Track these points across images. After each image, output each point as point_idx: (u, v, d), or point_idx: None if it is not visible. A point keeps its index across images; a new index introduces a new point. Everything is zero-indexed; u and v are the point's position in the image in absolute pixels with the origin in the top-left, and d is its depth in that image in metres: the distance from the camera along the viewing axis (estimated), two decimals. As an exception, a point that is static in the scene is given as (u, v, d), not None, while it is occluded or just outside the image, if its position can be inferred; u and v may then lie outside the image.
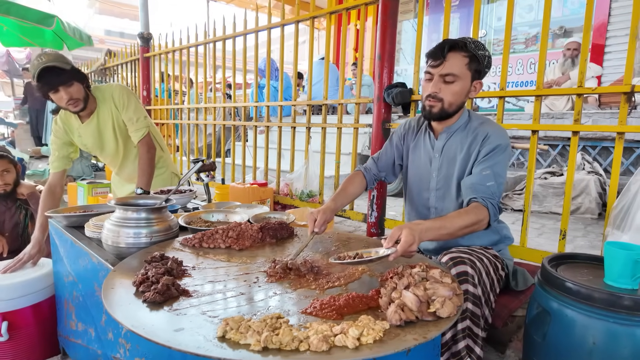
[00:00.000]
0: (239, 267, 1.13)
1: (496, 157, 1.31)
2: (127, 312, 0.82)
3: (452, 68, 1.30)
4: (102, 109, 2.03)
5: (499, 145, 1.31)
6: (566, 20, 5.77)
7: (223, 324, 0.74)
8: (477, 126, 1.38)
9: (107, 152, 2.17)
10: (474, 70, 1.33)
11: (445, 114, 1.37)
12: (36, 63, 1.76)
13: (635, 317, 0.94)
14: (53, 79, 1.77)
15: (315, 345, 0.69)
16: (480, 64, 1.32)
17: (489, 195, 1.26)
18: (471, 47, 1.31)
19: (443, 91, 1.33)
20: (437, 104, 1.35)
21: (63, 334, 1.74)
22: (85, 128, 2.04)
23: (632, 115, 3.38)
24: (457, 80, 1.31)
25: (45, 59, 1.77)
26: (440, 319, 0.82)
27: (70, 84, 1.82)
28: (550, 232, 3.02)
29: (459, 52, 1.31)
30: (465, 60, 1.31)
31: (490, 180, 1.27)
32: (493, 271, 1.29)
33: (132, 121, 2.03)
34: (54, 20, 3.66)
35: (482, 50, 1.32)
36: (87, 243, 1.40)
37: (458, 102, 1.35)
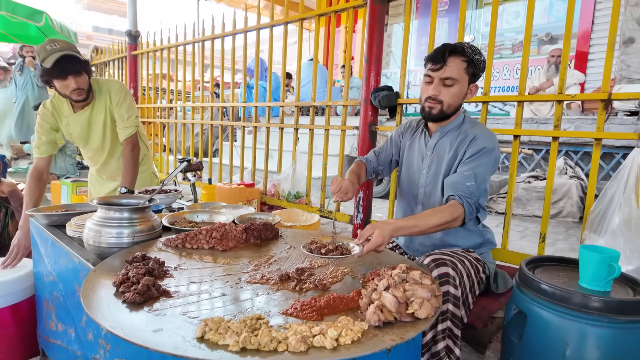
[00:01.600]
0: (221, 268, 1.13)
1: (480, 159, 1.35)
2: (106, 312, 0.81)
3: (452, 72, 1.36)
4: (98, 102, 2.03)
5: (484, 148, 1.35)
6: (552, 27, 5.89)
7: (202, 325, 0.74)
8: (468, 128, 1.43)
9: (92, 145, 2.14)
10: (471, 74, 1.39)
11: (444, 115, 1.42)
12: (49, 48, 1.78)
13: (605, 318, 0.97)
14: (68, 67, 1.80)
15: (293, 345, 0.70)
16: (477, 68, 1.39)
17: (467, 194, 1.30)
18: (468, 52, 1.37)
19: (442, 94, 1.39)
20: (437, 106, 1.40)
21: (42, 334, 1.72)
22: (75, 117, 2.03)
23: (612, 121, 3.47)
24: (456, 83, 1.37)
25: (60, 46, 1.79)
26: (418, 320, 0.84)
27: (80, 73, 1.86)
28: (533, 235, 3.08)
29: (459, 57, 1.36)
30: (464, 65, 1.36)
31: (470, 180, 1.32)
32: (474, 273, 1.32)
33: (122, 118, 2.03)
34: (43, 16, 3.63)
35: (478, 55, 1.39)
36: (68, 242, 1.39)
37: (456, 104, 1.41)
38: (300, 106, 2.77)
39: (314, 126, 2.65)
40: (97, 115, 2.05)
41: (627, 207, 1.40)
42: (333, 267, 1.15)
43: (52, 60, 1.76)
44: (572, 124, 3.79)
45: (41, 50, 1.81)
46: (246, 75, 3.29)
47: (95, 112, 2.04)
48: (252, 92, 4.85)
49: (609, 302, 0.99)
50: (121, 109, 2.02)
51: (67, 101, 2.01)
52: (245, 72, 3.22)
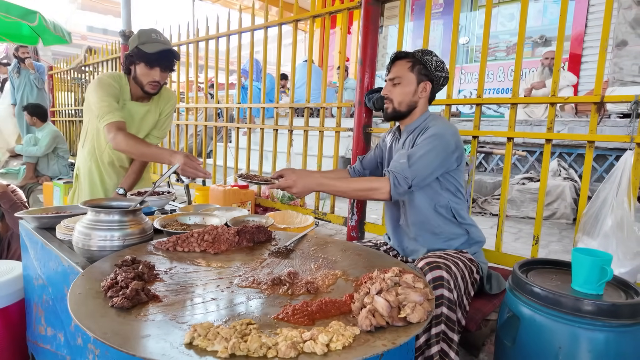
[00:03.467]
0: (213, 272, 1.11)
1: (422, 144, 1.41)
2: (94, 317, 0.80)
3: (397, 72, 1.51)
4: (156, 104, 2.05)
5: (431, 135, 1.41)
6: (546, 30, 5.93)
7: (191, 331, 0.73)
8: (428, 122, 1.51)
9: None
10: (419, 73, 1.49)
11: (398, 113, 1.53)
12: (154, 37, 1.81)
13: (598, 321, 0.97)
14: (165, 61, 1.84)
15: (283, 351, 0.69)
16: (427, 67, 1.48)
17: (397, 168, 1.37)
18: (417, 54, 1.50)
19: (392, 93, 1.52)
20: (390, 105, 1.53)
21: (32, 339, 1.69)
22: (133, 105, 1.98)
23: (606, 123, 3.50)
24: (401, 81, 1.49)
25: (164, 40, 1.85)
26: (410, 325, 0.83)
27: (167, 72, 1.91)
28: (527, 236, 3.09)
29: (403, 59, 1.51)
30: (407, 65, 1.49)
31: (403, 158, 1.39)
32: (468, 274, 1.33)
33: (161, 128, 2.10)
34: (36, 16, 3.60)
35: (428, 56, 1.49)
36: (58, 245, 1.37)
37: (407, 101, 1.51)
38: (295, 107, 2.76)
39: (308, 127, 2.65)
40: (152, 114, 2.05)
41: (620, 209, 1.40)
42: (325, 270, 1.14)
43: (157, 48, 1.78)
44: (565, 125, 3.81)
45: (144, 35, 1.82)
46: (241, 76, 3.27)
47: (152, 111, 2.04)
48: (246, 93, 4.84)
49: (601, 305, 0.98)
50: (167, 120, 2.10)
51: (128, 85, 1.94)
52: (239, 73, 3.20)
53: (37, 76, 6.17)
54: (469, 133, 1.88)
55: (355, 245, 1.48)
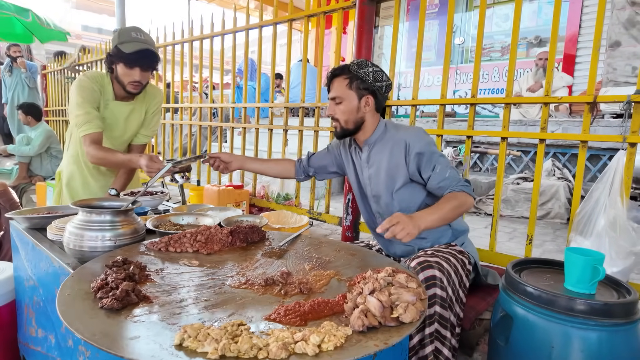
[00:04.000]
0: (205, 272, 1.11)
1: (431, 155, 1.41)
2: (83, 319, 0.79)
3: (336, 91, 1.47)
4: (140, 102, 2.01)
5: (425, 146, 1.41)
6: (541, 30, 5.96)
7: (181, 332, 0.72)
8: (393, 134, 1.49)
9: (115, 137, 2.03)
10: (357, 88, 1.45)
11: (346, 131, 1.50)
12: (133, 35, 1.77)
13: (590, 320, 0.97)
14: (143, 61, 1.79)
15: (274, 353, 0.68)
16: (365, 80, 1.44)
17: (454, 182, 1.37)
18: (353, 68, 1.44)
19: (336, 112, 1.48)
20: (337, 124, 1.50)
21: (23, 340, 1.67)
22: (117, 105, 1.95)
23: (599, 123, 3.52)
24: (342, 100, 1.46)
25: (145, 38, 1.79)
26: (403, 325, 0.83)
27: (148, 71, 1.86)
28: (521, 236, 3.10)
29: (341, 76, 1.46)
30: (345, 82, 1.45)
31: (445, 172, 1.39)
32: (461, 267, 1.33)
33: (149, 126, 2.06)
34: (29, 13, 3.58)
35: (364, 68, 1.45)
36: (49, 246, 1.35)
37: (353, 119, 1.47)
38: (290, 107, 2.75)
39: (303, 127, 2.64)
40: (136, 112, 2.01)
41: (613, 209, 1.41)
42: (319, 270, 1.14)
43: (133, 47, 1.73)
44: (559, 126, 3.82)
45: (124, 34, 1.78)
46: (236, 75, 3.26)
47: (137, 110, 2.01)
48: (241, 93, 4.82)
49: (593, 304, 0.99)
50: (154, 117, 2.06)
51: (111, 85, 1.92)
52: (234, 73, 3.19)
53: (28, 75, 6.12)
54: (464, 133, 1.89)
55: (349, 245, 1.48)
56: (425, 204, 1.50)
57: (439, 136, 1.99)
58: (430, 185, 1.43)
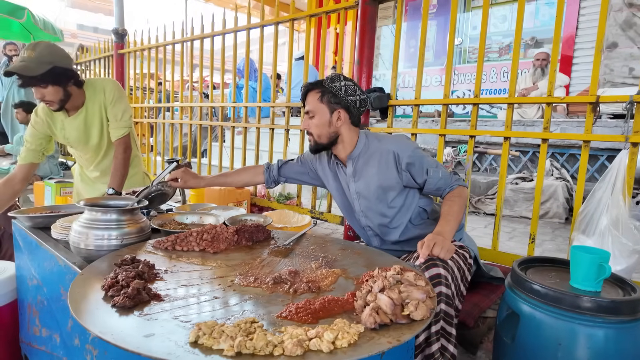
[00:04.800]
0: (213, 271, 1.11)
1: (421, 161, 1.44)
2: (95, 317, 0.79)
3: (309, 105, 1.47)
4: (92, 103, 1.98)
5: (412, 155, 1.44)
6: (537, 32, 6.00)
7: (195, 329, 0.72)
8: (376, 146, 1.50)
9: (90, 147, 2.08)
10: (328, 102, 1.45)
11: (320, 146, 1.50)
12: (20, 55, 1.75)
13: (597, 318, 0.98)
14: (23, 80, 1.74)
15: (289, 349, 0.68)
16: (337, 95, 1.44)
17: (448, 181, 1.43)
18: (326, 82, 1.46)
19: (310, 126, 1.49)
20: (312, 138, 1.50)
21: (25, 340, 1.66)
22: (70, 121, 1.98)
23: (597, 124, 3.54)
24: (315, 114, 1.46)
25: (25, 56, 1.73)
26: (413, 322, 0.83)
27: (43, 85, 1.77)
28: (521, 235, 3.12)
29: (313, 90, 1.47)
30: (317, 96, 1.45)
31: (437, 174, 1.43)
32: (463, 262, 1.36)
33: (116, 118, 1.99)
34: (25, 12, 3.54)
35: (336, 82, 1.45)
36: (54, 245, 1.35)
37: (326, 133, 1.47)
38: (291, 107, 2.76)
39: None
40: (92, 116, 2.00)
41: (615, 208, 1.42)
42: (326, 269, 1.14)
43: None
44: (557, 126, 3.85)
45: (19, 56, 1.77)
46: (236, 75, 3.25)
47: (90, 114, 1.99)
48: (241, 93, 4.81)
49: (600, 302, 1.00)
50: (115, 107, 1.98)
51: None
52: (235, 72, 3.19)
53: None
54: (466, 133, 1.90)
55: (354, 244, 1.48)
56: (419, 206, 1.52)
57: (442, 136, 2.00)
58: (427, 189, 1.47)
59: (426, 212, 1.54)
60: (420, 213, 1.53)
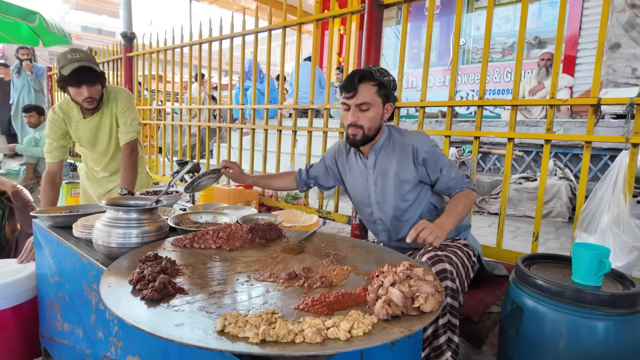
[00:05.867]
0: (230, 267, 1.16)
1: (437, 158, 1.49)
2: (127, 309, 0.84)
3: (365, 97, 1.45)
4: (106, 109, 2.13)
5: (429, 151, 1.49)
6: (540, 32, 6.03)
7: (221, 319, 0.78)
8: (398, 139, 1.54)
9: (98, 149, 2.24)
10: (383, 96, 1.48)
11: (367, 138, 1.52)
12: (69, 57, 1.89)
13: (597, 311, 1.03)
14: (83, 77, 1.91)
15: (310, 337, 0.74)
16: (388, 88, 1.48)
17: (460, 182, 1.48)
18: (377, 75, 1.46)
19: (361, 119, 1.47)
20: (359, 132, 1.49)
21: (46, 335, 1.73)
22: (85, 123, 2.12)
23: (600, 124, 3.58)
24: (371, 107, 1.46)
25: (80, 57, 1.91)
26: (423, 314, 0.89)
27: (94, 84, 1.97)
28: (525, 234, 3.16)
29: (368, 82, 1.45)
30: (374, 89, 1.46)
31: (450, 173, 1.48)
32: (467, 259, 1.42)
33: (125, 124, 2.13)
34: (37, 17, 3.61)
35: (386, 77, 1.48)
36: (75, 243, 1.41)
37: (376, 126, 1.51)
38: (299, 109, 2.81)
39: (312, 128, 2.70)
40: (104, 120, 2.15)
41: (616, 207, 1.47)
42: (337, 265, 1.19)
43: (70, 69, 1.87)
44: (561, 126, 3.89)
45: (62, 58, 1.92)
46: (244, 78, 3.31)
47: (104, 118, 2.14)
48: (247, 94, 4.88)
49: (600, 295, 1.05)
50: (125, 116, 2.13)
51: (77, 107, 2.10)
52: (243, 75, 3.25)
53: (33, 77, 6.19)
54: (471, 134, 1.94)
55: (364, 242, 1.53)
56: (430, 202, 1.57)
57: (447, 137, 2.05)
58: (438, 186, 1.51)
59: (436, 209, 1.59)
60: (430, 209, 1.58)
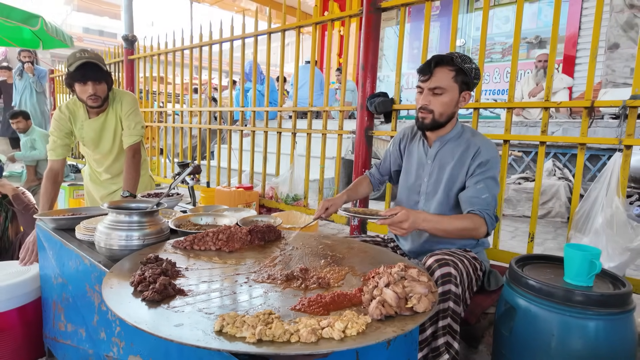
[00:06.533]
0: (230, 268, 1.19)
1: (488, 172, 1.41)
2: (128, 310, 0.87)
3: (440, 81, 1.42)
4: (111, 111, 2.18)
5: (489, 160, 1.42)
6: (541, 31, 6.04)
7: (220, 320, 0.81)
8: (469, 137, 1.49)
9: (101, 150, 2.27)
10: (461, 82, 1.43)
11: (437, 124, 1.47)
12: (78, 55, 1.97)
13: (588, 310, 1.06)
14: (89, 73, 1.96)
15: (305, 337, 0.76)
16: (468, 76, 1.42)
17: (484, 206, 1.37)
18: (457, 61, 1.41)
19: (433, 103, 1.44)
20: (429, 115, 1.45)
21: (50, 335, 1.76)
22: (90, 123, 2.17)
23: (599, 124, 3.60)
24: (445, 92, 1.42)
25: (88, 55, 1.98)
26: (416, 314, 0.91)
27: (100, 82, 2.02)
28: (523, 235, 3.18)
29: (445, 67, 1.42)
30: (451, 74, 1.41)
31: (484, 192, 1.39)
32: (472, 271, 1.39)
33: (129, 127, 2.17)
34: (39, 20, 3.65)
35: (468, 64, 1.42)
36: (78, 245, 1.43)
37: (448, 112, 1.46)
38: (299, 111, 2.84)
39: (311, 130, 2.72)
40: (109, 122, 2.19)
41: (609, 208, 1.49)
42: (335, 267, 1.22)
43: (76, 64, 1.93)
44: (560, 126, 3.90)
45: (71, 57, 1.98)
46: (244, 79, 3.34)
47: (109, 119, 2.18)
48: (248, 96, 4.91)
49: (591, 295, 1.07)
50: (129, 119, 2.17)
51: (83, 106, 2.14)
52: (243, 77, 3.28)
53: (35, 79, 6.23)
54: (467, 135, 1.96)
55: (361, 243, 1.56)
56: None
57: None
58: (463, 194, 1.43)
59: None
60: None
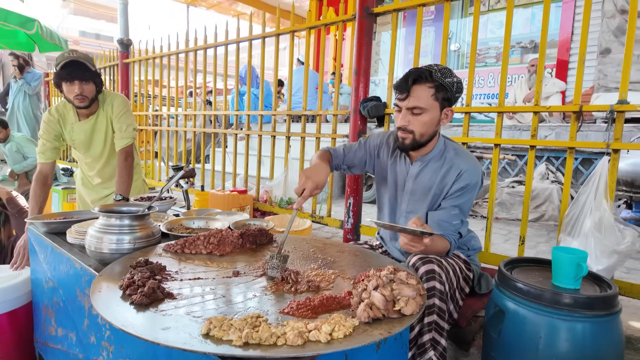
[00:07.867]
0: (220, 272, 1.19)
1: (465, 196, 1.37)
2: (116, 313, 0.87)
3: (418, 101, 1.31)
4: (101, 113, 2.17)
5: (469, 185, 1.36)
6: (535, 36, 6.11)
7: (207, 323, 0.81)
8: (452, 157, 1.41)
9: (92, 153, 2.26)
10: (442, 99, 1.32)
11: (417, 144, 1.38)
12: (66, 55, 1.97)
13: (575, 313, 1.07)
14: (76, 72, 1.95)
15: (291, 340, 0.77)
16: (449, 91, 1.32)
17: (452, 232, 1.38)
18: (437, 76, 1.30)
19: (412, 123, 1.34)
20: (409, 136, 1.37)
21: (40, 340, 1.75)
22: (80, 125, 2.16)
23: (590, 128, 3.63)
24: (424, 112, 1.32)
25: (76, 55, 1.98)
26: (404, 317, 0.92)
27: (87, 81, 2.00)
28: (516, 238, 3.19)
29: (424, 84, 1.30)
30: (430, 92, 1.31)
31: (456, 219, 1.37)
32: (459, 270, 1.39)
33: (121, 130, 2.15)
34: (35, 24, 3.64)
35: (449, 78, 1.32)
36: (69, 249, 1.43)
37: (429, 132, 1.37)
38: (292, 115, 2.85)
39: (305, 134, 2.74)
40: (99, 125, 2.18)
41: (598, 211, 1.50)
42: (325, 270, 1.22)
43: (62, 63, 1.93)
44: (552, 130, 3.94)
45: (59, 57, 1.98)
46: (238, 83, 3.35)
47: (99, 122, 2.17)
48: (243, 100, 4.92)
49: (578, 298, 1.08)
50: (120, 121, 2.15)
51: (73, 109, 2.13)
52: (237, 80, 3.29)
53: (24, 83, 6.19)
54: (459, 140, 1.98)
55: (352, 246, 1.56)
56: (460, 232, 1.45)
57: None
58: (434, 214, 1.39)
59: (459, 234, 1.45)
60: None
